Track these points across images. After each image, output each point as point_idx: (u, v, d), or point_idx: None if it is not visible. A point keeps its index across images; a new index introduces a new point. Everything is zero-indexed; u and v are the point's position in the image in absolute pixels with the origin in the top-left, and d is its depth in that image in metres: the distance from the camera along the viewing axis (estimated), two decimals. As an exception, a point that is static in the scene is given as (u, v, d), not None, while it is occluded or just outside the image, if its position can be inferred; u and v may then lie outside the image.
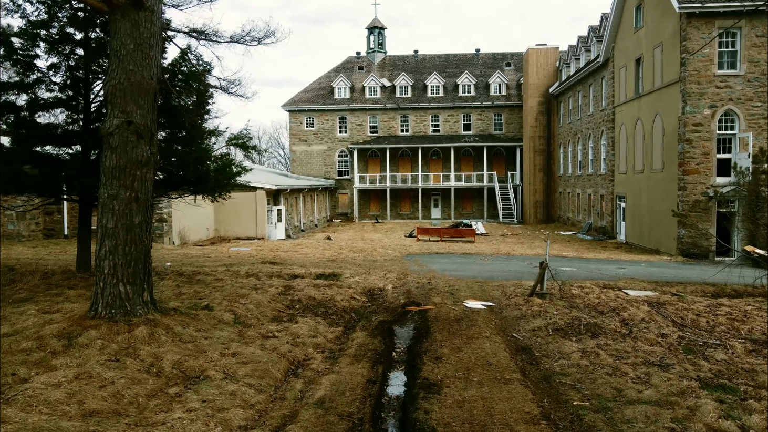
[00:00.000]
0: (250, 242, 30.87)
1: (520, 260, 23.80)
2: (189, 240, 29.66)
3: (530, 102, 47.95)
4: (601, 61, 35.00)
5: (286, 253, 25.21)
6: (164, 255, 22.75)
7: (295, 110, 54.03)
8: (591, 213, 38.64)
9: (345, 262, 21.65)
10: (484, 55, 58.22)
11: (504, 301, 13.24)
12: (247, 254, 24.15)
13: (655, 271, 21.08)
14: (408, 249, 27.68)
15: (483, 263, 22.55)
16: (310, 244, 29.87)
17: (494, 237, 35.76)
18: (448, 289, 14.87)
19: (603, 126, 36.02)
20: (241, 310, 10.26)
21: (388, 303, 13.23)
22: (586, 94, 39.64)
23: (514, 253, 26.37)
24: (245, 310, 10.33)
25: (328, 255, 24.50)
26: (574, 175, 42.79)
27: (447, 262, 22.71)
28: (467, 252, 26.74)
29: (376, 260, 22.70)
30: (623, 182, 32.73)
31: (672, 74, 26.07)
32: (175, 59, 14.28)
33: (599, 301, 13.04)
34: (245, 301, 11.16)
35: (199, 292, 12.05)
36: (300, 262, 20.86)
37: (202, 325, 9.16)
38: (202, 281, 13.94)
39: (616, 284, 17.50)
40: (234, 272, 16.71)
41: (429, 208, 53.47)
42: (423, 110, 53.32)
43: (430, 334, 9.85)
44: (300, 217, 41.56)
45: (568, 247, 29.86)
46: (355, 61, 58.18)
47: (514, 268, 21.22)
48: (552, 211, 48.53)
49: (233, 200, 33.79)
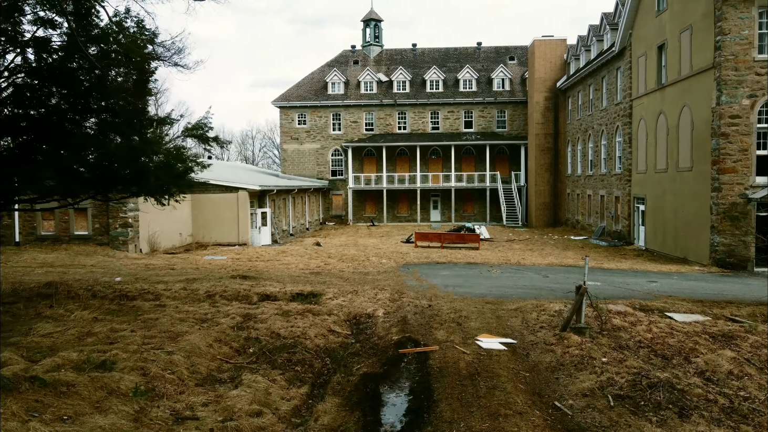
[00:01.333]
0: (230, 249, 27.76)
1: (533, 272, 20.72)
2: (160, 247, 26.54)
3: (536, 97, 44.89)
4: (616, 50, 31.95)
5: (265, 263, 22.11)
6: (122, 266, 19.64)
7: (286, 106, 50.90)
8: (604, 216, 35.58)
9: (331, 275, 18.55)
10: (486, 48, 55.14)
11: (528, 336, 10.15)
12: (220, 265, 21.04)
13: (692, 286, 18.04)
14: (405, 257, 24.59)
15: (491, 276, 19.47)
16: (296, 252, 26.77)
17: (500, 242, 32.68)
18: (455, 316, 11.78)
19: (618, 121, 32.97)
20: (158, 366, 7.04)
21: (377, 339, 10.15)
22: (599, 87, 36.59)
23: (524, 263, 23.28)
24: (165, 366, 7.14)
25: (313, 265, 21.41)
26: (585, 175, 39.72)
27: (450, 274, 19.62)
28: (472, 261, 23.65)
29: (368, 272, 19.61)
30: (642, 182, 29.67)
31: (703, 60, 23.03)
32: (106, 25, 11.17)
33: (653, 336, 9.97)
34: (174, 346, 8.02)
35: (116, 332, 8.95)
36: (278, 276, 17.77)
37: (76, 403, 5.98)
38: (137, 309, 10.85)
39: (655, 304, 14.47)
40: (190, 292, 13.61)
41: (428, 211, 50.36)
42: (422, 107, 50.23)
43: (433, 406, 6.75)
44: (289, 220, 38.45)
45: (580, 255, 26.75)
46: (350, 55, 55.07)
47: (529, 282, 18.15)
48: (559, 213, 45.46)
49: (212, 202, 30.76)
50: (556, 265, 22.76)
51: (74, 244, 23.77)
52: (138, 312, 10.64)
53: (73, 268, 18.75)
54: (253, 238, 30.99)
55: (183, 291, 13.76)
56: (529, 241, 32.81)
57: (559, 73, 44.59)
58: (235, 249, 27.90)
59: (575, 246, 31.02)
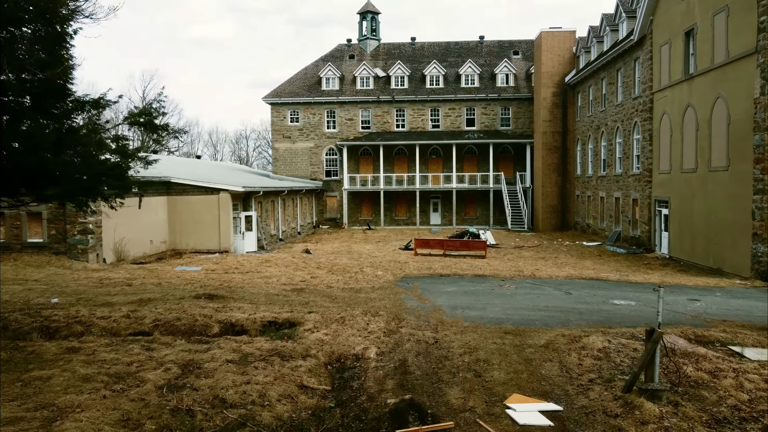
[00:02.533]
0: (207, 258, 24.88)
1: (551, 287, 17.88)
2: (129, 255, 23.63)
3: (543, 93, 42.06)
4: (635, 38, 29.13)
5: (244, 275, 19.23)
6: (72, 282, 16.73)
7: (278, 103, 48.00)
8: (619, 220, 32.76)
9: (316, 293, 15.70)
10: (489, 42, 52.32)
11: (577, 397, 7.29)
12: (189, 279, 18.15)
13: (743, 306, 15.22)
14: (403, 268, 21.75)
15: (505, 293, 16.62)
16: (282, 261, 23.91)
17: (507, 249, 29.84)
18: (470, 360, 8.92)
19: (636, 117, 30.16)
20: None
21: (366, 399, 7.31)
22: (613, 80, 33.79)
23: (540, 275, 20.44)
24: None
25: (298, 279, 18.54)
26: (597, 175, 36.91)
27: (456, 291, 16.77)
28: (480, 273, 20.80)
29: (360, 288, 16.75)
30: (665, 184, 26.87)
31: (743, 45, 20.24)
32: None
33: (750, 397, 7.13)
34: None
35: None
36: (252, 295, 14.90)
37: None
38: (36, 357, 7.99)
39: (713, 334, 11.67)
40: (133, 321, 10.75)
41: (428, 213, 47.49)
42: (421, 103, 47.38)
43: None
44: (278, 224, 35.56)
45: (603, 265, 23.94)
46: (345, 49, 52.19)
47: (550, 301, 15.31)
48: (568, 217, 42.62)
49: (191, 205, 27.86)
50: (576, 278, 19.94)
51: (26, 254, 20.87)
52: (32, 363, 7.76)
53: (11, 284, 15.85)
54: (236, 245, 28.11)
55: (125, 320, 10.89)
56: (539, 248, 29.96)
57: (567, 67, 41.79)
58: (213, 258, 25.01)
59: (591, 254, 28.18)
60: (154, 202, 26.20)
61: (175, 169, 32.32)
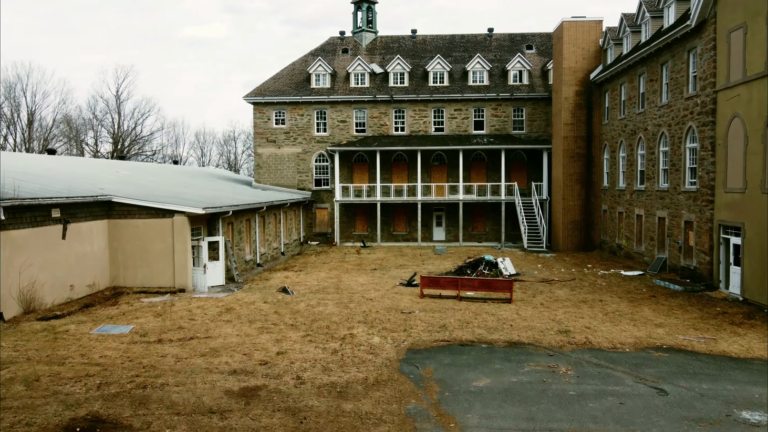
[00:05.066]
0: (153, 304, 19.16)
1: (625, 372, 12.25)
2: (44, 303, 17.90)
3: (564, 92, 36.43)
4: (692, 23, 23.53)
5: (183, 348, 13.53)
6: None
7: (261, 102, 42.26)
8: (665, 245, 27.18)
9: (275, 404, 10.04)
10: (499, 36, 46.69)
11: None
12: (95, 361, 12.43)
13: None
14: (408, 327, 16.09)
15: (566, 392, 10.99)
16: (249, 309, 18.26)
17: (533, 283, 24.21)
18: None
19: (691, 121, 24.58)
20: None
21: None
22: (655, 77, 28.19)
23: (597, 341, 14.79)
24: None
25: (258, 358, 12.86)
26: (631, 189, 31.33)
27: (493, 390, 11.14)
28: (514, 339, 15.14)
29: (347, 385, 11.11)
30: (736, 205, 21.32)
31: None
32: None
33: None
34: None
35: None
36: (169, 411, 9.22)
37: None
38: None
39: None
40: None
41: (430, 228, 41.82)
42: (423, 103, 41.71)
43: None
44: (256, 246, 29.85)
45: (668, 315, 18.25)
46: (338, 43, 46.48)
47: (644, 414, 9.68)
48: (593, 234, 37.00)
49: (137, 231, 22.06)
50: (649, 348, 14.31)
51: None
52: None
53: None
54: (196, 280, 22.39)
55: None
56: (573, 284, 24.28)
57: (593, 62, 36.19)
58: (160, 304, 19.30)
59: (639, 290, 22.53)
60: (89, 228, 20.51)
61: (123, 183, 26.60)
